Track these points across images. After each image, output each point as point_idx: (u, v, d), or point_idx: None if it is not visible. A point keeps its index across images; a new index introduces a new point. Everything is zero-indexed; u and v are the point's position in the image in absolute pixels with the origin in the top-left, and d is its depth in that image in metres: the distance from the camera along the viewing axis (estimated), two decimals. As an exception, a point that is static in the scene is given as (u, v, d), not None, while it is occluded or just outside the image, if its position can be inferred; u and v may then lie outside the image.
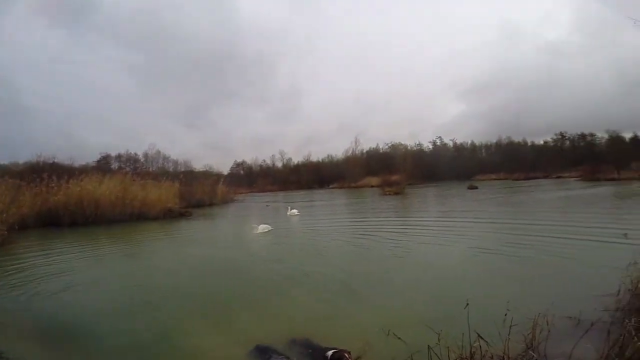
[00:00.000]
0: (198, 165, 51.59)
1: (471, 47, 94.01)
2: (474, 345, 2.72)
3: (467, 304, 3.04)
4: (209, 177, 37.81)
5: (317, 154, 79.93)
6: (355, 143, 66.61)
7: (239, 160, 73.94)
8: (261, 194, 51.28)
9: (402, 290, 5.20)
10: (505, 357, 2.67)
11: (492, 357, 2.72)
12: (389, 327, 3.48)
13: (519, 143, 61.50)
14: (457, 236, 9.16)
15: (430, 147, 69.11)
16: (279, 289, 5.61)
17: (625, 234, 4.78)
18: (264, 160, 73.81)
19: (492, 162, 58.70)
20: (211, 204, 27.46)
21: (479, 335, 2.71)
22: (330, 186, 58.85)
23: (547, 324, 3.03)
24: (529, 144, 61.31)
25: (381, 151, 66.39)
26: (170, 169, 48.36)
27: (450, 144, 68.75)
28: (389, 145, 66.57)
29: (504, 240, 8.24)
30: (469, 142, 68.09)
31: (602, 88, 60.33)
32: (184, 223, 16.31)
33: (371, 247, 8.39)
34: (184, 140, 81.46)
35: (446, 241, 8.59)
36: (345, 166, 61.83)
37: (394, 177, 39.21)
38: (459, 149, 67.38)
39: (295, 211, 17.61)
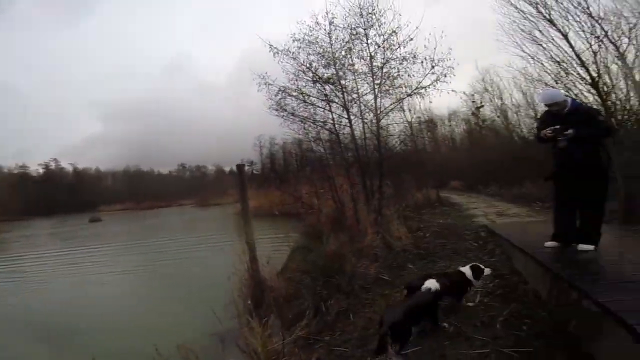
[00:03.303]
0: None
1: (140, 72, 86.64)
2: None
3: None
4: None
5: None
6: None
7: None
8: None
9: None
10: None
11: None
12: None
13: (146, 172, 63.33)
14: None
15: (41, 171, 54.58)
16: None
17: (222, 249, 5.66)
18: None
19: (119, 191, 56.11)
20: None
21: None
22: None
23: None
24: (156, 172, 64.83)
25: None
26: None
27: (70, 168, 58.16)
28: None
29: (139, 268, 7.82)
30: (94, 167, 61.17)
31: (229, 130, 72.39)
32: None
33: None
34: None
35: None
36: None
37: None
38: (81, 175, 58.49)
39: None
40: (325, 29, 6.38)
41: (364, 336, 2.87)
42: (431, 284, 2.74)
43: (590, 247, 3.24)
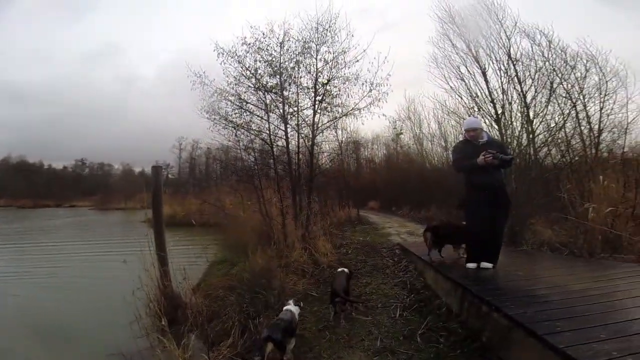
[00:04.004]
0: None
1: (56, 56, 71.54)
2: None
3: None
4: None
5: None
6: None
7: None
8: None
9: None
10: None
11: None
12: None
13: (33, 164, 52.56)
14: None
15: None
16: None
17: (124, 260, 4.90)
18: None
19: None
20: None
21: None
22: None
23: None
24: (46, 166, 54.35)
25: None
26: None
27: None
28: None
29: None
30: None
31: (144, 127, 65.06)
32: None
33: None
34: None
35: None
36: None
37: None
38: None
39: None
40: (278, 38, 6.33)
41: (297, 355, 2.76)
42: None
43: (490, 265, 3.73)
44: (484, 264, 3.74)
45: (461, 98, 7.50)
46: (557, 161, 6.82)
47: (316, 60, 6.47)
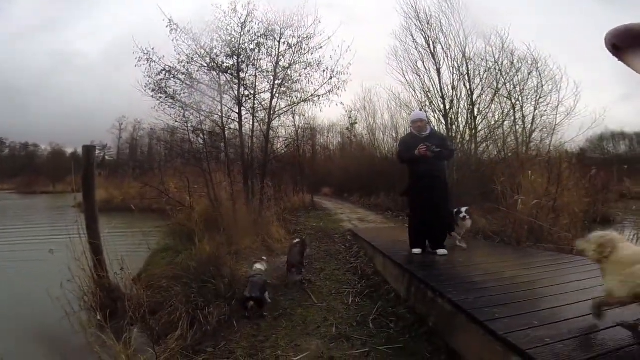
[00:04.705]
0: None
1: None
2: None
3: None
4: None
5: None
6: None
7: None
8: None
9: None
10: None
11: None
12: None
13: None
14: None
15: None
16: None
17: (51, 250, 4.36)
18: None
19: None
20: None
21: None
22: None
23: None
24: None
25: None
26: None
27: None
28: None
29: None
30: None
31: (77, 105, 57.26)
32: None
33: None
34: None
35: None
36: None
37: None
38: None
39: None
40: (240, 18, 5.99)
41: (253, 344, 2.70)
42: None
43: (445, 252, 3.94)
44: (441, 251, 3.92)
45: (415, 92, 7.82)
46: (493, 156, 7.45)
47: (279, 43, 6.31)
